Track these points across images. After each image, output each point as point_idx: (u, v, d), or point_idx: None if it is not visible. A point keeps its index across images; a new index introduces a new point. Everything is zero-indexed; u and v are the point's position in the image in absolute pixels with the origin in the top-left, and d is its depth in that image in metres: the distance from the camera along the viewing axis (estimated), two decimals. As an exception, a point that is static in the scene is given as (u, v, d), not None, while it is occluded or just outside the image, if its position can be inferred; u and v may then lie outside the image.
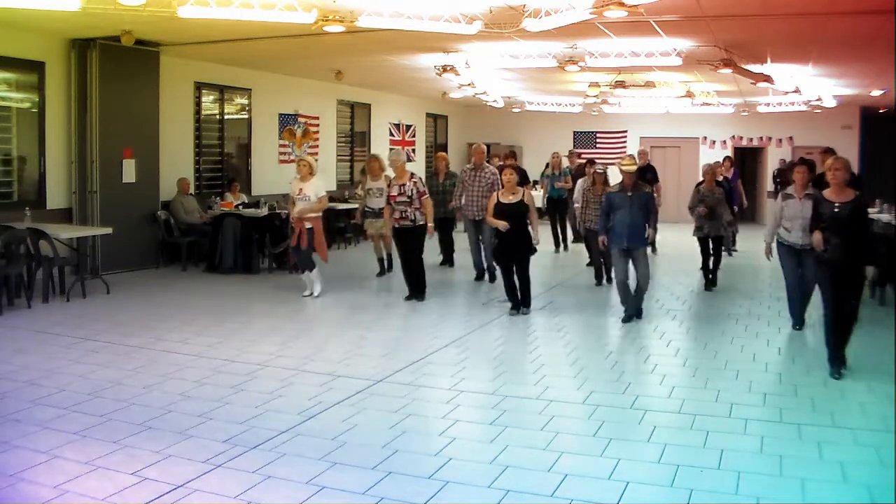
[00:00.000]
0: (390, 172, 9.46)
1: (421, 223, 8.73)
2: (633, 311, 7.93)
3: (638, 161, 8.28)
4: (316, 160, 14.66)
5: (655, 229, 7.99)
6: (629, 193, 7.79)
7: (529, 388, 5.63)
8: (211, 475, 4.01)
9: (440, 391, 5.57)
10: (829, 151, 9.42)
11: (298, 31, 8.45)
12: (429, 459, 4.26)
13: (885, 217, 10.50)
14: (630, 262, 7.86)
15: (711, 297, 9.44)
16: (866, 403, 5.30)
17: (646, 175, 12.21)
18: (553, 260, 12.75)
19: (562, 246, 13.58)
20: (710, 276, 9.84)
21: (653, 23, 8.37)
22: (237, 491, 3.83)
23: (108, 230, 9.35)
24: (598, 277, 10.17)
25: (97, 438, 4.48)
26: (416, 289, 8.87)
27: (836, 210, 5.76)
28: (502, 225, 7.89)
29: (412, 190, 8.70)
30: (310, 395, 5.38)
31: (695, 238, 9.88)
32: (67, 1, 6.49)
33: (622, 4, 6.54)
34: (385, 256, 10.63)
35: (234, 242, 10.72)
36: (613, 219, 7.84)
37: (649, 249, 10.45)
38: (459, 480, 3.99)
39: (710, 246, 9.78)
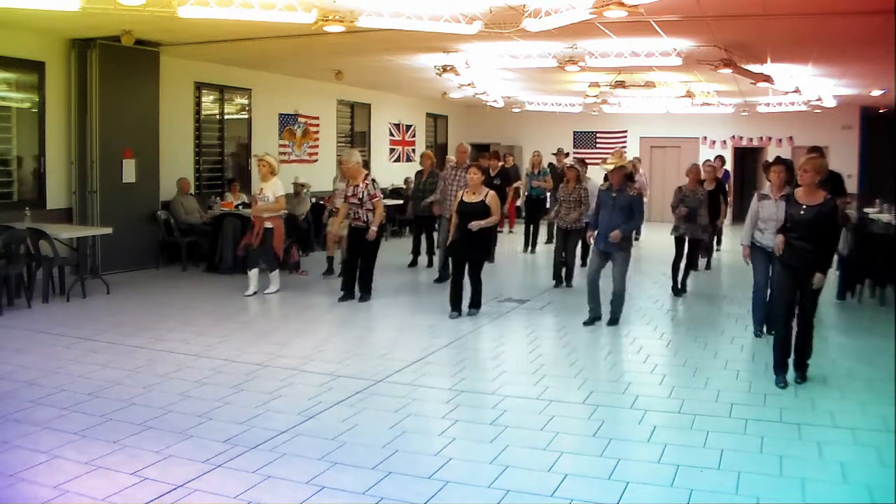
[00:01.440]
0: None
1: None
2: (613, 314, 7.68)
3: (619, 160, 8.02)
4: (316, 160, 14.88)
5: (625, 232, 7.44)
6: (613, 194, 7.55)
7: (529, 388, 5.63)
8: (211, 475, 4.01)
9: (440, 391, 5.57)
10: (814, 150, 9.11)
11: (298, 31, 8.45)
12: (429, 459, 4.26)
13: (885, 217, 10.50)
14: (608, 264, 7.66)
15: (711, 297, 9.45)
16: (866, 403, 5.30)
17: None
18: (549, 260, 12.73)
19: (530, 248, 13.46)
20: (681, 280, 9.57)
21: (653, 23, 8.36)
22: (237, 491, 3.83)
23: (108, 230, 9.35)
24: (556, 278, 9.97)
25: (97, 438, 4.48)
26: (362, 289, 8.79)
27: (801, 213, 5.57)
28: (451, 235, 7.96)
29: (363, 192, 8.61)
30: (310, 395, 5.38)
31: (672, 237, 9.66)
32: (67, 1, 6.49)
33: (622, 4, 6.54)
34: (338, 257, 10.63)
35: (234, 242, 10.70)
36: (600, 218, 7.67)
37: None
38: (459, 480, 3.99)
39: (686, 247, 9.57)
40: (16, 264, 8.14)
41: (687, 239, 9.51)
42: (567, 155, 15.70)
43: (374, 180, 8.92)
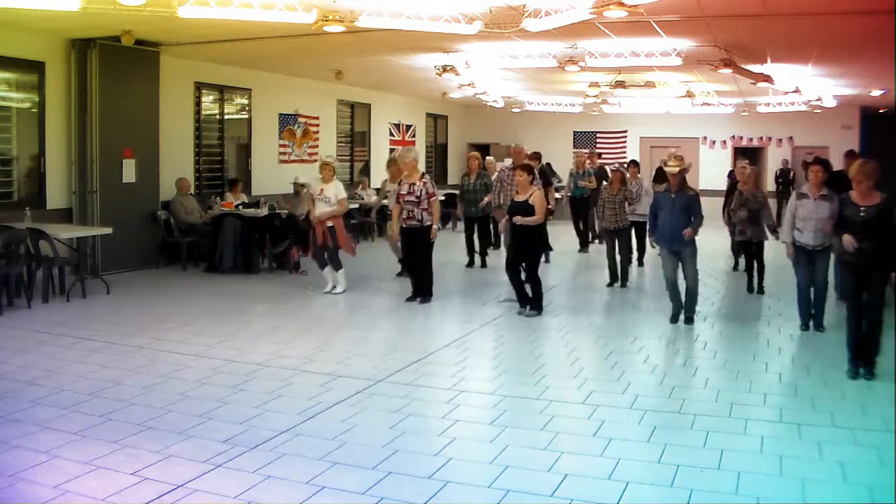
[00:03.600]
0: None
1: (428, 223, 8.64)
2: (687, 312, 7.82)
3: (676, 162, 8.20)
4: (316, 160, 14.85)
5: (696, 231, 7.73)
6: (672, 195, 7.72)
7: (529, 388, 5.63)
8: (211, 475, 4.01)
9: (440, 391, 5.57)
10: (851, 155, 9.09)
11: (298, 31, 8.45)
12: (429, 459, 4.26)
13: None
14: (679, 264, 7.79)
15: (711, 297, 9.43)
16: (866, 403, 5.30)
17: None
18: (564, 260, 12.75)
19: (584, 245, 13.53)
20: (759, 283, 9.55)
21: (653, 23, 8.37)
22: (237, 491, 3.83)
23: (108, 230, 9.35)
24: (613, 279, 9.96)
25: (97, 438, 4.48)
26: (421, 290, 8.78)
27: (861, 213, 5.74)
28: (502, 225, 7.99)
29: (421, 190, 8.58)
30: (310, 395, 5.38)
31: (735, 242, 9.63)
32: (67, 1, 6.50)
33: (622, 4, 6.54)
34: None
35: (234, 242, 10.72)
36: (658, 220, 7.83)
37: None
38: (459, 480, 3.99)
39: (752, 251, 9.50)
40: (16, 264, 8.13)
41: (754, 241, 9.40)
42: (599, 156, 15.65)
43: (431, 179, 8.92)
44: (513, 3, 7.35)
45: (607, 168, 12.53)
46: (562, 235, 13.87)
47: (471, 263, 11.53)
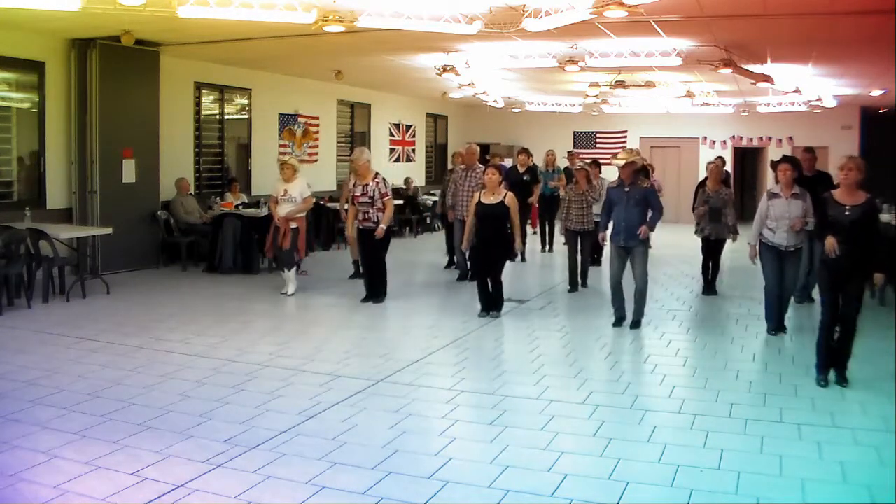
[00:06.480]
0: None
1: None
2: (635, 315, 7.58)
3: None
4: (316, 160, 14.88)
5: (652, 228, 7.45)
6: (626, 189, 7.47)
7: (529, 388, 5.63)
8: (211, 475, 4.01)
9: (440, 391, 5.57)
10: (808, 151, 9.14)
11: (298, 31, 8.45)
12: (429, 459, 4.26)
13: (885, 217, 10.49)
14: (628, 263, 7.55)
15: (711, 297, 9.43)
16: (866, 403, 5.30)
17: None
18: (549, 260, 12.75)
19: (547, 246, 13.55)
20: (710, 282, 9.55)
21: (653, 23, 8.36)
22: (237, 491, 3.83)
23: (108, 230, 9.35)
24: (572, 284, 9.68)
25: (97, 438, 4.48)
26: (375, 291, 8.73)
27: (846, 213, 5.52)
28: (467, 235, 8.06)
29: (374, 190, 8.49)
30: (310, 395, 5.38)
31: (698, 238, 9.54)
32: (67, 1, 6.50)
33: (622, 4, 6.54)
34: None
35: (234, 242, 10.72)
36: (613, 215, 7.57)
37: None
38: (459, 480, 3.99)
39: (711, 248, 9.44)
40: (16, 264, 8.13)
41: (711, 239, 9.34)
42: (578, 155, 15.70)
43: (384, 179, 8.79)
44: (513, 3, 7.34)
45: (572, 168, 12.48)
46: (529, 236, 13.92)
47: (450, 264, 11.28)
